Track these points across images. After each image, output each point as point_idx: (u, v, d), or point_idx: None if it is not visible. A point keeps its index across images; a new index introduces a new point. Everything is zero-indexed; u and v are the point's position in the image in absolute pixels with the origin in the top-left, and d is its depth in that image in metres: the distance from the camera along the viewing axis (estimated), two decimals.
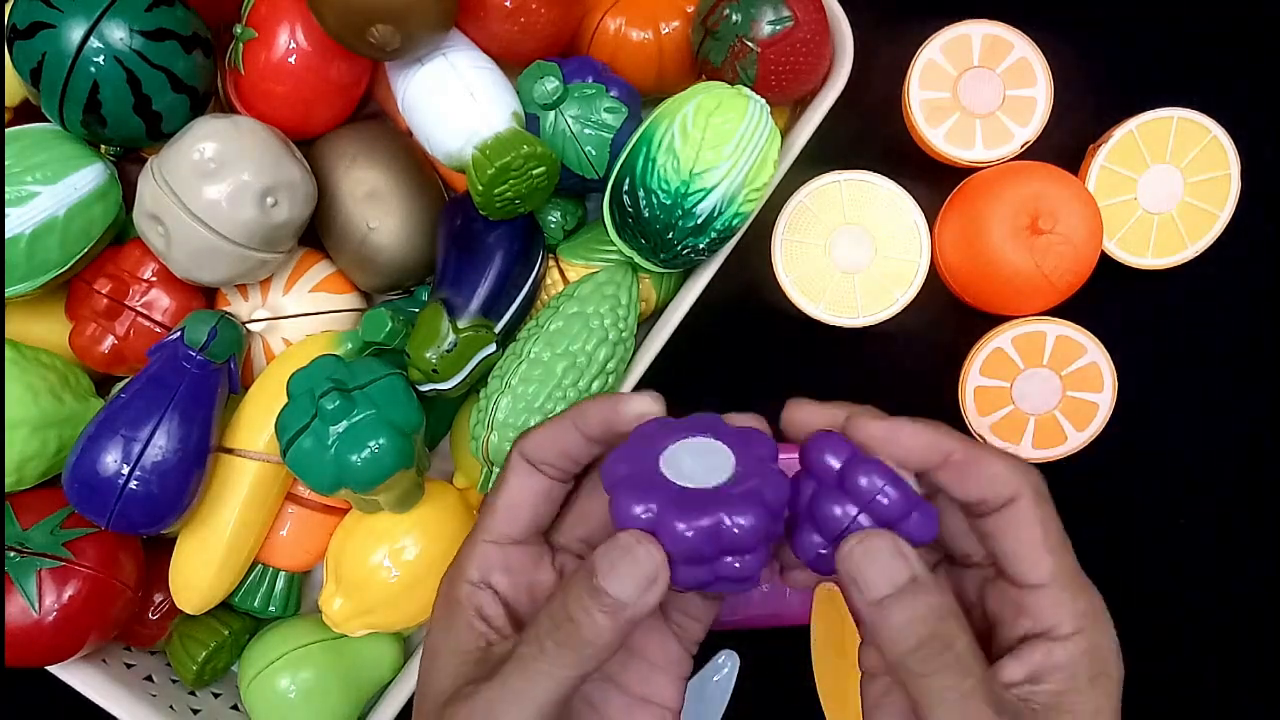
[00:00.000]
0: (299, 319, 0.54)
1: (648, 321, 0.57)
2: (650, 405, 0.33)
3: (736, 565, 0.29)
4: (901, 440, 0.31)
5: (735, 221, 0.49)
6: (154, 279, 0.52)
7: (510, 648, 0.30)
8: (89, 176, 0.48)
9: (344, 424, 0.46)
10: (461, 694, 0.29)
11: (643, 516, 0.28)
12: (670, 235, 0.49)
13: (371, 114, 0.58)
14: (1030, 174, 0.56)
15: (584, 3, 0.54)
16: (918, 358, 0.61)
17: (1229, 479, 0.61)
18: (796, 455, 0.32)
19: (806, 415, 0.33)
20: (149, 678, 0.55)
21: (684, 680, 0.35)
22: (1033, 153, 0.58)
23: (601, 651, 0.28)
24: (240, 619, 0.56)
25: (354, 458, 0.45)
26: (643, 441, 0.31)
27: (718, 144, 0.47)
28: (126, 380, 0.51)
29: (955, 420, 0.58)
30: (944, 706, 0.27)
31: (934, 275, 0.60)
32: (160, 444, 0.47)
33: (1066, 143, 0.60)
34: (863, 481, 0.30)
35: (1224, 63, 0.62)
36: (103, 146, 0.51)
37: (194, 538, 0.52)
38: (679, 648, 0.35)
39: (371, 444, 0.45)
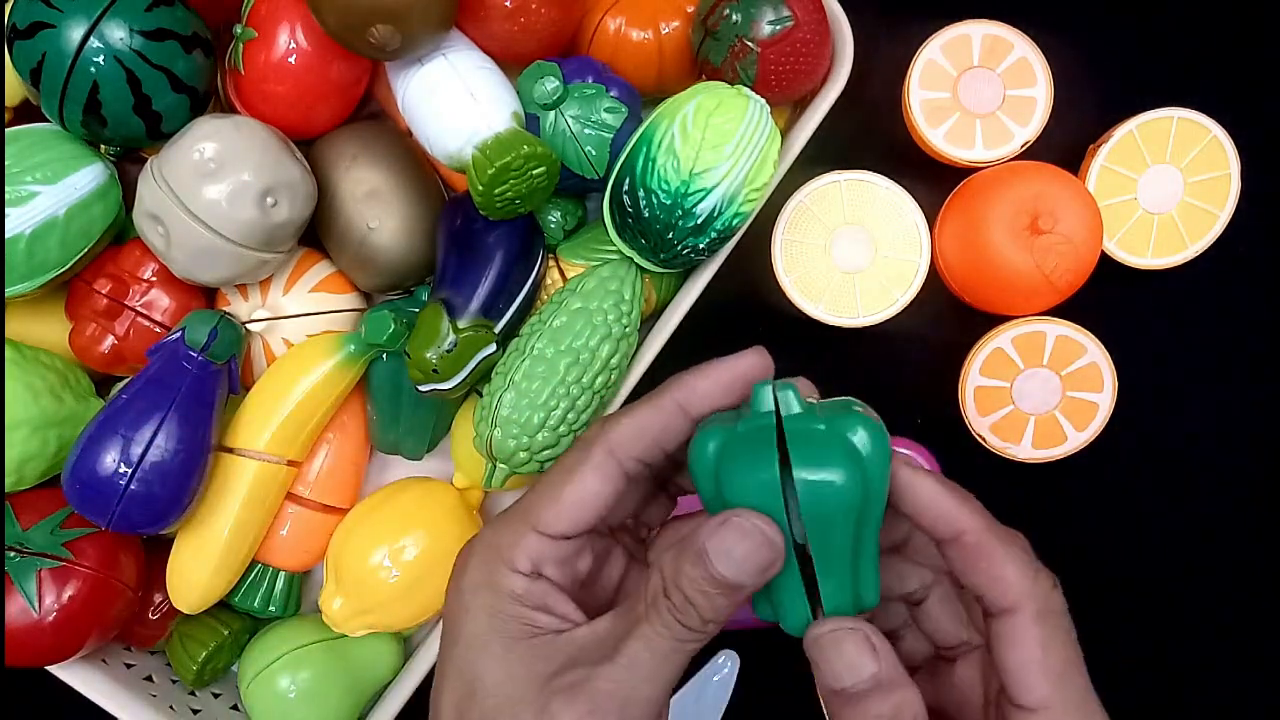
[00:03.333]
0: (299, 319, 0.54)
1: (648, 321, 0.57)
2: (763, 360, 0.31)
3: None
4: (918, 495, 0.29)
5: (735, 221, 0.49)
6: (154, 279, 0.52)
7: (590, 631, 0.29)
8: (89, 176, 0.48)
9: None
10: (566, 682, 0.28)
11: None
12: (670, 235, 0.49)
13: (371, 114, 0.58)
14: (1030, 174, 0.56)
15: (584, 3, 0.54)
16: (918, 358, 0.61)
17: (1230, 478, 0.61)
18: None
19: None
20: (149, 678, 0.55)
21: None
22: (1033, 153, 0.58)
23: (722, 622, 0.29)
24: (240, 619, 0.56)
25: None
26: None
27: (718, 144, 0.47)
28: (126, 380, 0.51)
29: (955, 420, 0.58)
30: None
31: (934, 275, 0.60)
32: (161, 445, 0.47)
33: (1066, 143, 0.60)
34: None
35: (1224, 63, 0.62)
36: (103, 146, 0.51)
37: (192, 536, 0.52)
38: None
39: None
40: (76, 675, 0.51)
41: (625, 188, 0.49)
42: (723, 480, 0.29)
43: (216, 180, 0.47)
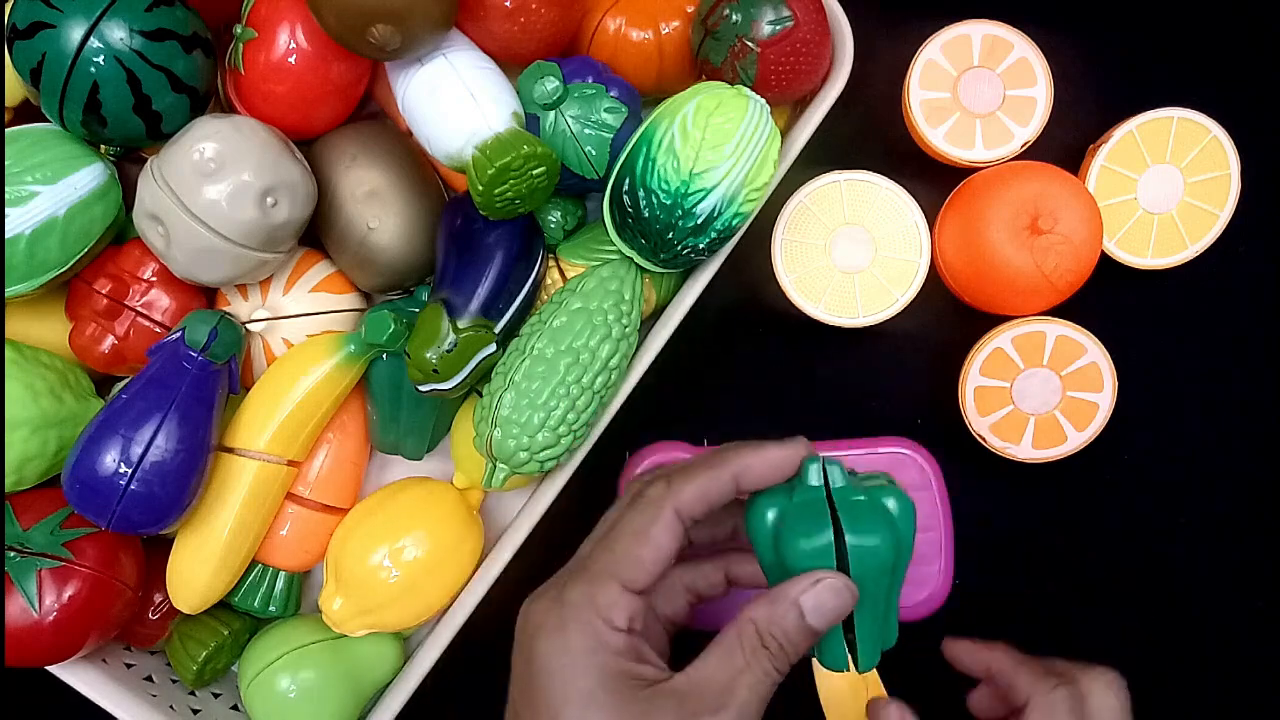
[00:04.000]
0: (299, 319, 0.54)
1: (648, 321, 0.57)
2: (807, 448, 0.37)
3: None
4: (966, 660, 0.44)
5: (735, 221, 0.49)
6: (154, 279, 0.52)
7: (687, 680, 0.34)
8: (89, 176, 0.48)
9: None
10: None
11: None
12: (670, 235, 0.49)
13: (371, 114, 0.58)
14: (1030, 174, 0.56)
15: (584, 3, 0.54)
16: (918, 358, 0.61)
17: (1230, 479, 0.61)
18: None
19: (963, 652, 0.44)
20: (149, 678, 0.55)
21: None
22: (1033, 153, 0.58)
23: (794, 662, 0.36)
24: (240, 619, 0.56)
25: None
26: None
27: (718, 144, 0.47)
28: (126, 380, 0.51)
29: (955, 420, 0.58)
30: None
31: (934, 275, 0.60)
32: (161, 445, 0.47)
33: (1066, 143, 0.60)
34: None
35: (1224, 63, 0.62)
36: (103, 146, 0.51)
37: (192, 536, 0.52)
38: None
39: None
40: (76, 675, 0.51)
41: (625, 188, 0.49)
42: (782, 545, 0.35)
43: (216, 180, 0.47)
